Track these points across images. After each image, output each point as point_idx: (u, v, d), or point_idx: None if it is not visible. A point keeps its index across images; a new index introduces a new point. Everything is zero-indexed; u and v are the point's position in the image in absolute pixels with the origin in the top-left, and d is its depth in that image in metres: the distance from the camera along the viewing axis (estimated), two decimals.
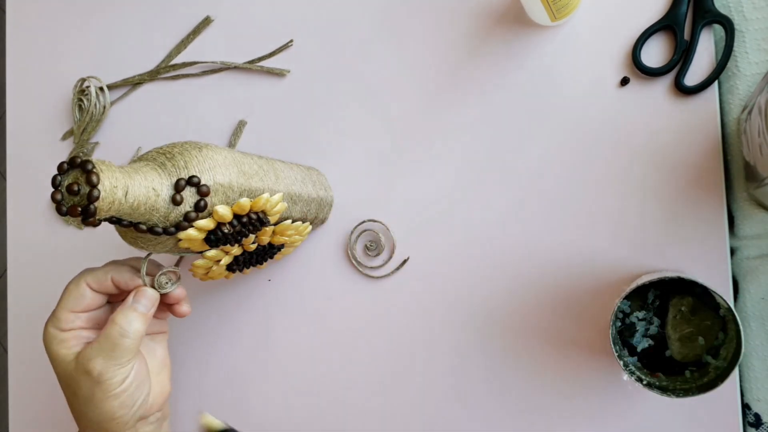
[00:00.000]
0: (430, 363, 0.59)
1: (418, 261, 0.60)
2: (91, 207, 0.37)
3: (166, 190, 0.41)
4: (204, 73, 0.66)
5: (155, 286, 0.48)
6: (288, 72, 0.64)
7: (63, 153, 0.70)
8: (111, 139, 0.69)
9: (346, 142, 0.62)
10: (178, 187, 0.41)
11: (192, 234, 0.43)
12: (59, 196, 0.38)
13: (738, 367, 0.49)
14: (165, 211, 0.41)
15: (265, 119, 0.64)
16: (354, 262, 0.61)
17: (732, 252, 0.54)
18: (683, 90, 0.54)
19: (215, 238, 0.45)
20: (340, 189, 0.62)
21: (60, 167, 0.38)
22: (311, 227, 0.57)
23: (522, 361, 0.57)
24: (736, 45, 0.53)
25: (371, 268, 0.61)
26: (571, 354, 0.56)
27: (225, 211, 0.44)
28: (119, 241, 0.64)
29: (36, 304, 0.70)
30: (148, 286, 0.48)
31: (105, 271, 0.48)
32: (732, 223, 0.54)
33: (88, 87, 0.68)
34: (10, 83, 0.73)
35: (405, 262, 0.60)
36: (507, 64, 0.58)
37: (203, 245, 0.46)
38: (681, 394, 0.48)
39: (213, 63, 0.66)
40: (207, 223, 0.44)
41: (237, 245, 0.48)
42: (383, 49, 0.61)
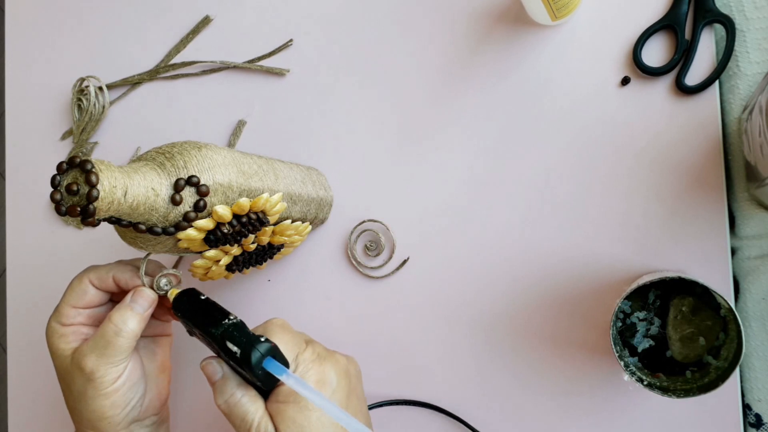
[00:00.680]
0: (430, 363, 0.59)
1: (418, 261, 0.60)
2: (91, 207, 0.37)
3: (165, 190, 0.41)
4: (203, 73, 0.66)
5: (154, 287, 0.48)
6: (288, 71, 0.64)
7: (62, 153, 0.70)
8: (110, 139, 0.69)
9: (346, 141, 0.62)
10: (177, 187, 0.41)
11: (191, 234, 0.43)
12: (58, 195, 0.38)
13: (739, 368, 0.49)
14: (164, 211, 0.41)
15: (265, 119, 0.64)
16: (354, 262, 0.61)
17: (733, 252, 0.54)
18: (684, 90, 0.53)
19: (215, 238, 0.45)
20: (340, 189, 0.61)
21: (59, 167, 0.38)
22: (311, 227, 0.57)
23: (522, 361, 0.57)
24: (737, 44, 0.53)
25: (371, 268, 0.61)
26: (572, 354, 0.56)
27: (224, 211, 0.44)
28: (118, 241, 0.64)
29: (35, 303, 0.70)
30: (146, 286, 0.47)
31: (108, 269, 0.48)
32: (733, 223, 0.54)
33: (87, 87, 0.68)
34: (9, 83, 0.73)
35: (405, 262, 0.60)
36: (506, 64, 0.58)
37: (203, 245, 0.46)
38: (682, 394, 0.48)
39: (212, 62, 0.66)
40: (206, 223, 0.43)
41: (236, 245, 0.48)
42: (383, 49, 0.61)
